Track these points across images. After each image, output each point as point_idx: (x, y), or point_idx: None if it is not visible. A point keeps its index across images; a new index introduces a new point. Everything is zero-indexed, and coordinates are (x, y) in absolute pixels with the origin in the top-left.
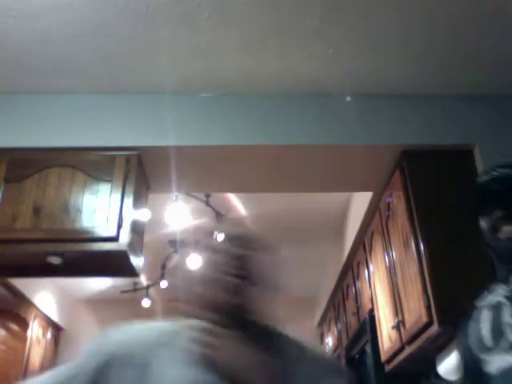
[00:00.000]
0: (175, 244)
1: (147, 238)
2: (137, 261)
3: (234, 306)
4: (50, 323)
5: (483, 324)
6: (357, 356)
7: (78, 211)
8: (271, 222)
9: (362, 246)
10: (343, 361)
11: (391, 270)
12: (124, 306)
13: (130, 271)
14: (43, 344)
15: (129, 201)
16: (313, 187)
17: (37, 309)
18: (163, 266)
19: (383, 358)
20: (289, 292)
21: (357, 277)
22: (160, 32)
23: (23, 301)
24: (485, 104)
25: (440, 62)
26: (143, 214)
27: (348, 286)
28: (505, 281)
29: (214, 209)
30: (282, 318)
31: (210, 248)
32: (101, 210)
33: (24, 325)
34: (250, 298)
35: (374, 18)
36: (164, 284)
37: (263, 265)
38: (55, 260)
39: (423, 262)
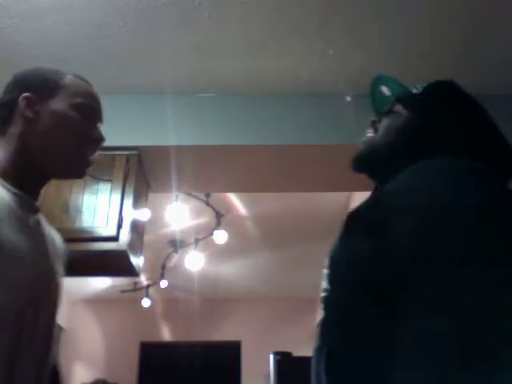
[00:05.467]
0: (175, 244)
1: (147, 237)
2: (137, 260)
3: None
4: None
5: None
6: None
7: (78, 211)
8: (271, 221)
9: None
10: None
11: None
12: (124, 306)
13: (130, 271)
14: None
15: (129, 201)
16: (313, 187)
17: None
18: (163, 266)
19: None
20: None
21: None
22: (160, 32)
23: None
24: (484, 104)
25: (440, 62)
26: (143, 214)
27: None
28: None
29: (214, 209)
30: (282, 318)
31: None
32: (101, 210)
33: None
34: None
35: (375, 18)
36: (164, 284)
37: None
38: None
39: None
